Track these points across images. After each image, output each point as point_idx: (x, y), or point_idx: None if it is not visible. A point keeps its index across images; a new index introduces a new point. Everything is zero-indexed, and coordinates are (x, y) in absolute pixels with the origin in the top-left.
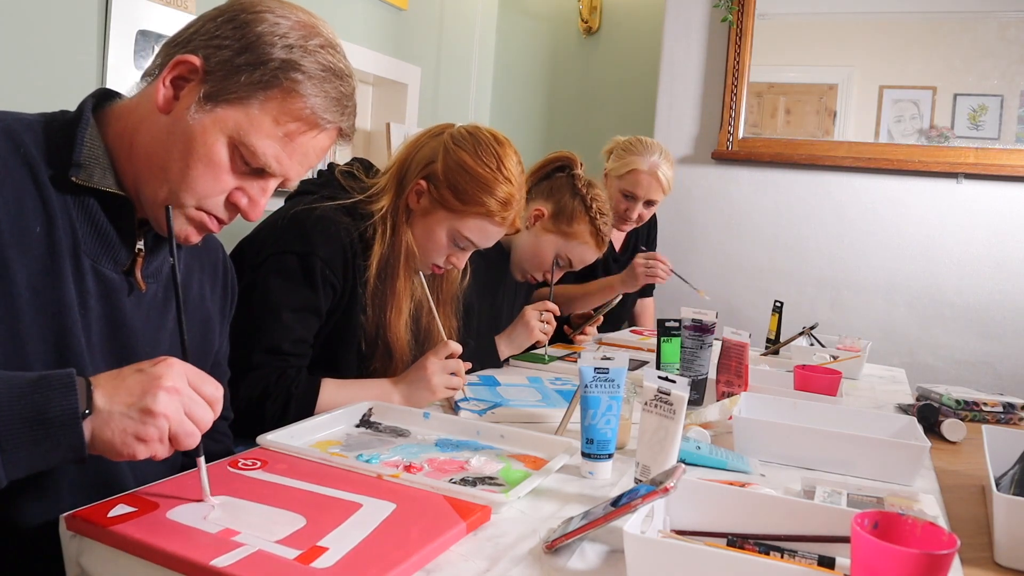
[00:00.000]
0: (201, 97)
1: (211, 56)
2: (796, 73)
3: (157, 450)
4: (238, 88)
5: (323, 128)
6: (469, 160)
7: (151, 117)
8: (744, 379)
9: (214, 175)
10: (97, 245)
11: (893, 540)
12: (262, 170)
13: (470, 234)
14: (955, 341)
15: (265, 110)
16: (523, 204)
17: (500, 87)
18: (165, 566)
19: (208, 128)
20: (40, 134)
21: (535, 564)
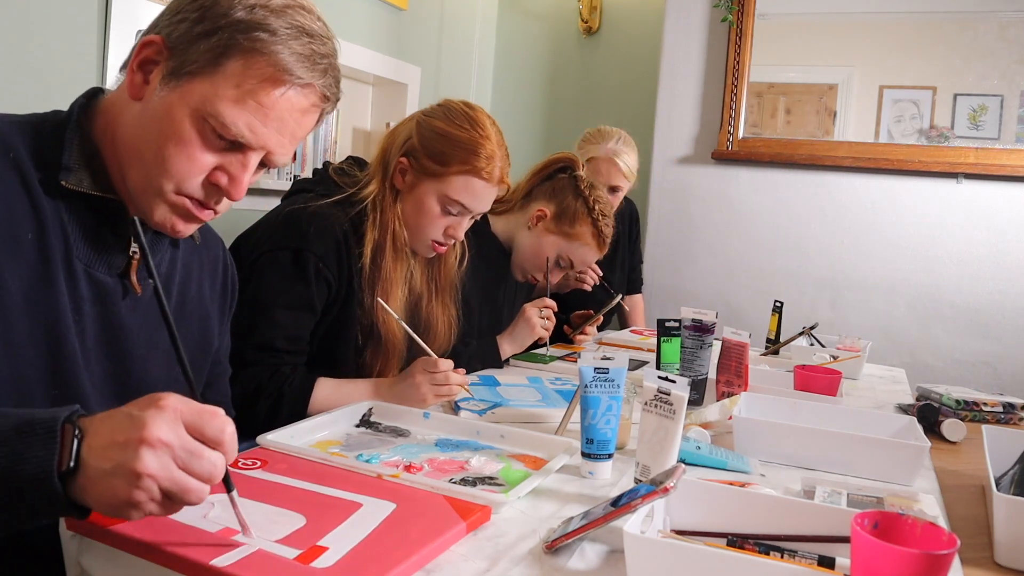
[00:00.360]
0: (165, 75)
1: (172, 32)
2: (796, 73)
3: (153, 510)
4: (198, 57)
5: (291, 84)
6: (443, 125)
7: (127, 107)
8: (744, 379)
9: (187, 154)
10: (89, 249)
11: (893, 540)
12: (238, 143)
13: (458, 195)
14: (955, 341)
15: (227, 76)
16: (506, 161)
17: (500, 87)
18: (165, 566)
19: (174, 105)
20: (30, 136)
21: (535, 564)
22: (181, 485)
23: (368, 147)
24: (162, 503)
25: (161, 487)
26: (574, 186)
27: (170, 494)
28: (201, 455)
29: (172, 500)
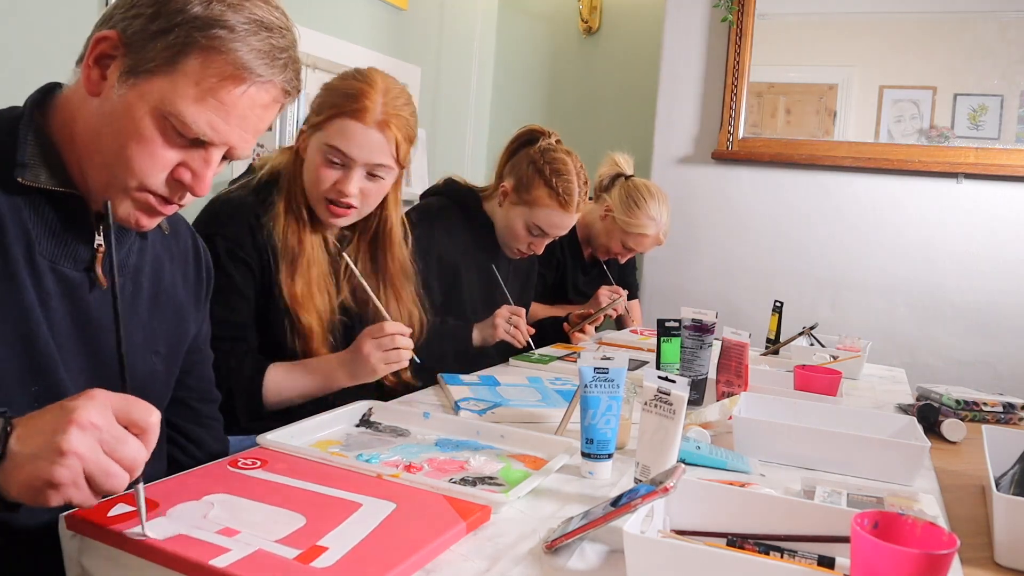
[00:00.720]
0: (123, 72)
1: (128, 27)
2: (796, 73)
3: (73, 495)
4: (156, 56)
5: (252, 81)
6: (332, 82)
7: (84, 103)
8: (744, 379)
9: (149, 152)
10: (53, 245)
11: (893, 540)
12: (200, 140)
13: (333, 140)
14: (955, 341)
15: (187, 74)
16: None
17: (500, 87)
18: (165, 565)
19: (133, 104)
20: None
21: (535, 564)
22: (104, 468)
23: None
24: (82, 488)
25: (85, 469)
26: (528, 155)
27: (92, 477)
28: (127, 441)
29: (93, 485)
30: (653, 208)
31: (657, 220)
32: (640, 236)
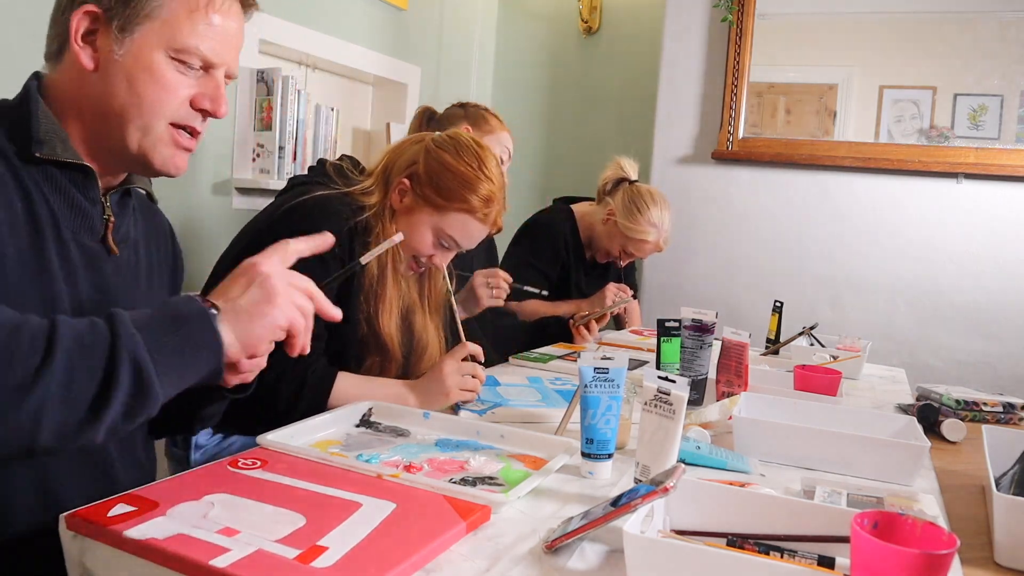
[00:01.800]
0: (116, 33)
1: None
2: (796, 73)
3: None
4: (141, 5)
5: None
6: (451, 160)
7: (84, 81)
8: (744, 379)
9: (166, 89)
10: (74, 217)
11: (893, 540)
12: (206, 65)
13: (453, 231)
14: (955, 341)
15: (174, 10)
16: (503, 205)
17: (500, 87)
18: (165, 565)
19: (139, 53)
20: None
21: (535, 564)
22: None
23: (368, 147)
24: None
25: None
26: None
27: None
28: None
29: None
30: (655, 214)
31: (659, 227)
32: (641, 242)
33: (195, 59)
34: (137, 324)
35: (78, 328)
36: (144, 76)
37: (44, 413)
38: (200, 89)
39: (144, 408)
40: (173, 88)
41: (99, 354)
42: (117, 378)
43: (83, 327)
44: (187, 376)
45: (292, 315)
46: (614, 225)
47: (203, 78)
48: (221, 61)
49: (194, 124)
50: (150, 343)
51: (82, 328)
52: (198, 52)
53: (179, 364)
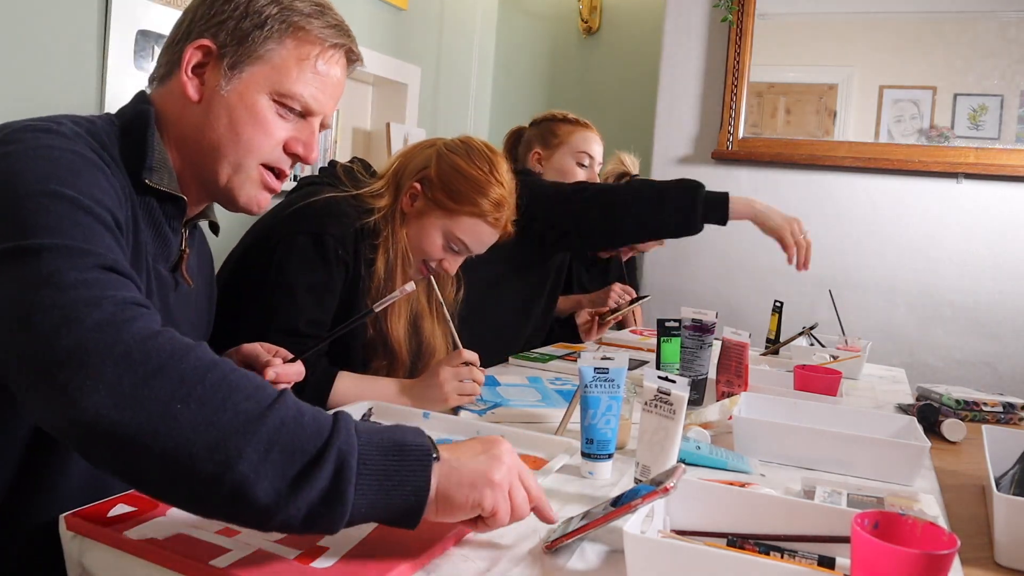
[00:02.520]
0: (226, 69)
1: (218, 33)
2: (796, 73)
3: (501, 503)
4: (255, 47)
5: (333, 50)
6: (463, 163)
7: (186, 111)
8: (744, 379)
9: (264, 131)
10: (157, 245)
11: (893, 540)
12: (305, 112)
13: (463, 235)
14: (955, 341)
15: (285, 56)
16: (514, 211)
17: (500, 87)
18: (165, 565)
19: (244, 92)
20: (114, 136)
21: (535, 564)
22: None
23: (368, 147)
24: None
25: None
26: None
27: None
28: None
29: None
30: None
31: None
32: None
33: (297, 105)
34: (359, 430)
35: (301, 405)
36: (245, 115)
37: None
38: (295, 134)
39: (328, 513)
40: (271, 131)
41: (313, 439)
42: (319, 470)
43: (307, 407)
44: (380, 506)
45: (502, 506)
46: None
47: (300, 123)
48: (320, 110)
49: (283, 167)
50: (364, 453)
51: (305, 407)
52: (301, 99)
53: (379, 488)
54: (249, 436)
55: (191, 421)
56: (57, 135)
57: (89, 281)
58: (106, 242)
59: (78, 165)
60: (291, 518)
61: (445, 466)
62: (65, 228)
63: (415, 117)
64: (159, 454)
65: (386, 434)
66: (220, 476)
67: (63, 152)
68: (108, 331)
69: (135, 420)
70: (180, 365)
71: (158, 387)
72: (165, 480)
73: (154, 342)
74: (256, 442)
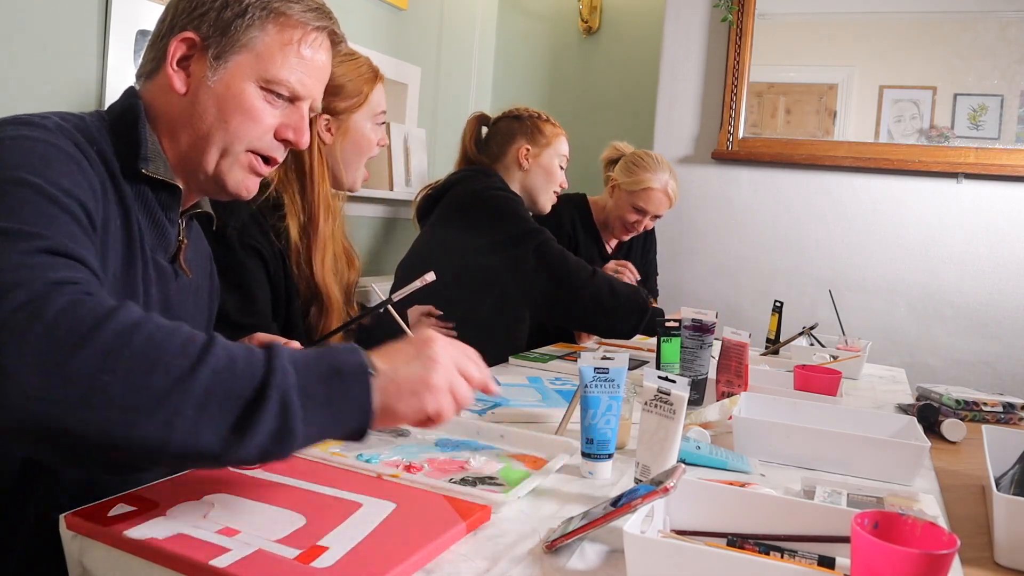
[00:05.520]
0: (211, 60)
1: (200, 25)
2: (796, 73)
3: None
4: (239, 36)
5: (316, 32)
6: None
7: (175, 104)
8: (744, 379)
9: (254, 119)
10: (155, 236)
11: (893, 540)
12: (293, 97)
13: (381, 105)
14: (955, 341)
15: (268, 43)
16: None
17: (500, 87)
18: (165, 565)
19: (231, 82)
20: (104, 131)
21: (535, 564)
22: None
23: None
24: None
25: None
26: None
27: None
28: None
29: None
30: (652, 164)
31: (659, 175)
32: (645, 191)
33: (284, 90)
34: (294, 362)
35: (232, 350)
36: (233, 104)
37: (174, 427)
38: (284, 120)
39: (280, 448)
40: (260, 118)
41: (248, 383)
42: (261, 413)
43: (238, 350)
44: (328, 431)
45: (444, 404)
46: (619, 190)
47: (288, 109)
48: (308, 94)
49: (275, 154)
50: (303, 385)
51: (236, 351)
52: (287, 84)
53: (326, 415)
54: (183, 394)
55: (122, 391)
56: (38, 128)
57: (29, 264)
58: (64, 228)
59: (51, 156)
60: (243, 459)
61: (383, 379)
62: (23, 213)
63: (415, 117)
64: (96, 430)
65: (322, 360)
66: (162, 439)
67: (37, 143)
68: (29, 310)
69: (65, 398)
70: (101, 335)
71: (82, 361)
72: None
73: (74, 315)
74: (191, 399)
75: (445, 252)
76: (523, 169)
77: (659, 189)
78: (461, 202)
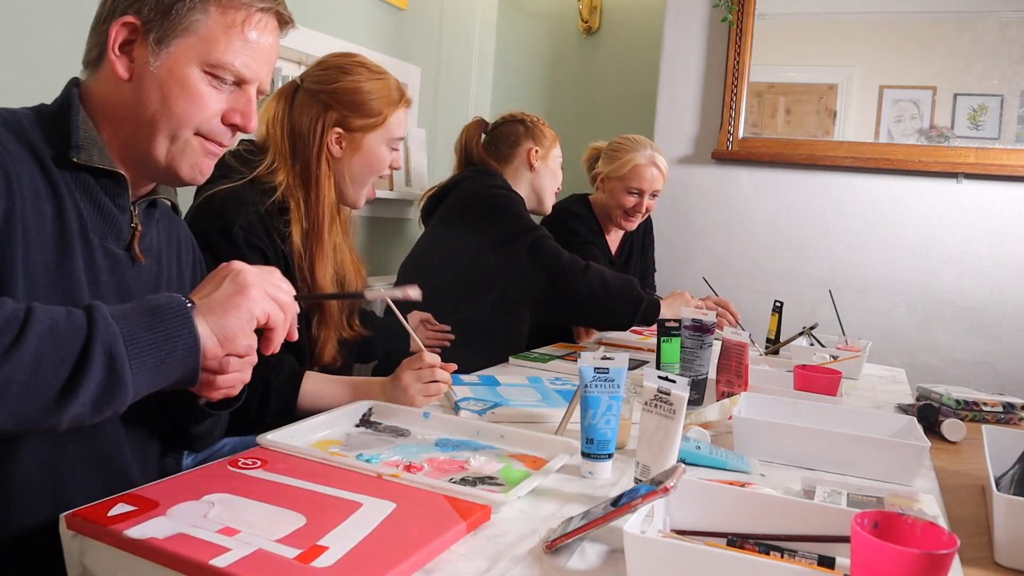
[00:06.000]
0: (153, 45)
1: (141, 8)
2: (796, 73)
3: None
4: (180, 19)
5: (260, 14)
6: (350, 84)
7: (117, 90)
8: (744, 379)
9: (199, 103)
10: (102, 223)
11: (893, 540)
12: (239, 80)
13: (398, 132)
14: (955, 341)
15: (211, 26)
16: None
17: (500, 87)
18: (165, 565)
19: (174, 67)
20: (35, 123)
21: (535, 564)
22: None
23: None
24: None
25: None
26: None
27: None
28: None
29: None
30: (631, 144)
31: (641, 151)
32: (633, 170)
33: (228, 74)
34: (115, 315)
35: (54, 314)
36: (177, 89)
37: (5, 395)
38: (231, 104)
39: (114, 401)
40: (205, 103)
41: (73, 342)
42: (89, 368)
43: (59, 314)
44: (163, 372)
45: (268, 306)
46: (608, 180)
47: (235, 93)
48: (254, 77)
49: (222, 140)
50: (127, 334)
51: (58, 315)
52: (232, 68)
53: (154, 360)
54: (14, 365)
55: None
56: None
57: None
58: None
59: None
60: (79, 414)
61: (203, 307)
62: None
63: (415, 117)
64: None
65: (141, 305)
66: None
67: None
68: None
69: None
70: None
71: None
72: None
73: None
74: (23, 367)
75: (446, 252)
76: (533, 170)
77: (646, 163)
78: (463, 202)
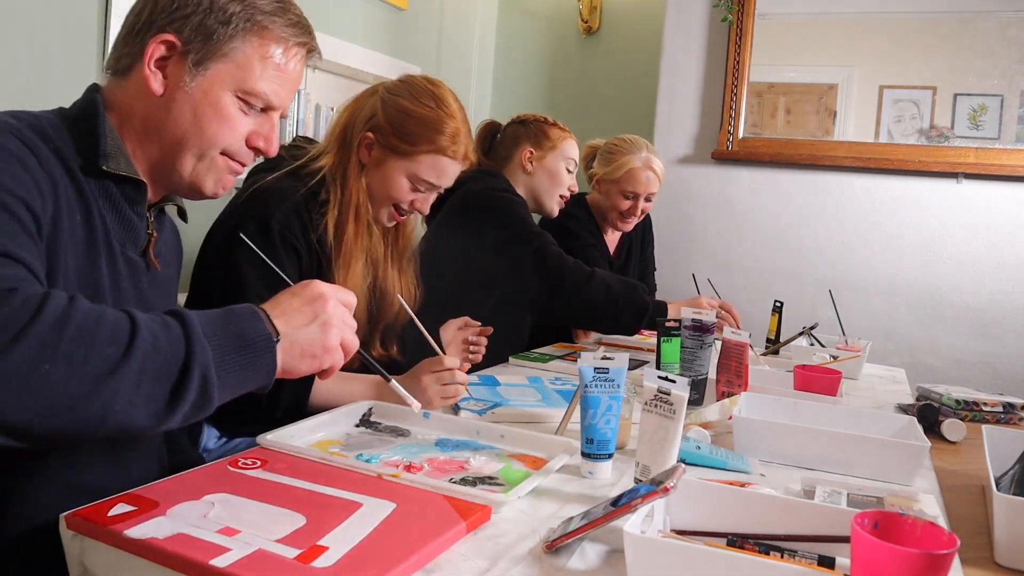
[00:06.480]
0: (191, 66)
1: (182, 28)
2: (796, 73)
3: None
4: (221, 44)
5: (301, 46)
6: (409, 105)
7: (146, 103)
8: (744, 379)
9: (229, 126)
10: (123, 230)
11: (893, 540)
12: (267, 107)
13: (427, 174)
14: (955, 341)
15: (249, 54)
16: (470, 139)
17: (500, 87)
18: (165, 565)
19: (209, 89)
20: (63, 129)
21: (535, 564)
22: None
23: None
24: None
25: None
26: None
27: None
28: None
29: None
30: (627, 146)
31: (637, 154)
32: (628, 174)
33: (259, 102)
34: (207, 334)
35: (154, 329)
36: (210, 111)
37: (112, 408)
38: (256, 128)
39: (198, 416)
40: (234, 125)
41: (174, 361)
42: (187, 389)
43: (159, 328)
44: (239, 391)
45: (337, 362)
46: (603, 182)
47: (261, 118)
48: (281, 104)
49: (244, 160)
50: (218, 359)
51: (158, 328)
52: (264, 96)
53: (237, 383)
54: (119, 378)
55: (62, 378)
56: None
57: None
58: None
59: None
60: (169, 427)
61: (285, 343)
62: None
63: None
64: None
65: (229, 329)
66: (101, 418)
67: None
68: None
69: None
70: (36, 326)
71: (21, 354)
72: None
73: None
74: (126, 381)
75: (448, 252)
76: (527, 172)
77: (641, 167)
78: (465, 203)
